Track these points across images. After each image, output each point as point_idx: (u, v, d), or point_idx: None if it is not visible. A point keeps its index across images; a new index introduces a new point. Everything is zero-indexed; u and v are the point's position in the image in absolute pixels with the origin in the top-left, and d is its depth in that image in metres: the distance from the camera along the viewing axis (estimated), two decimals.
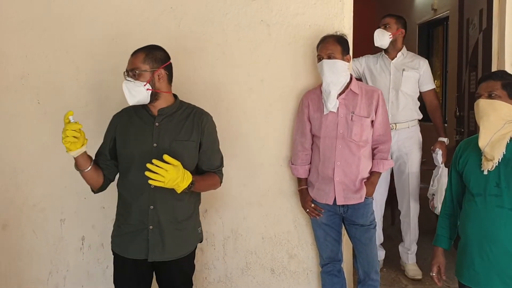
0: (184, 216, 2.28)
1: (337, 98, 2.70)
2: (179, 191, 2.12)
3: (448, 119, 5.71)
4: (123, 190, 2.29)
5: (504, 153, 1.97)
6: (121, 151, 2.28)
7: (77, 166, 2.20)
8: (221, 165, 2.40)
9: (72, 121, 2.07)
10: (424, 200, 3.70)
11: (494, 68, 3.24)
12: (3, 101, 2.91)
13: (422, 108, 3.74)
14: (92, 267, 2.97)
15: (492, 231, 1.98)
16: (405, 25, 3.68)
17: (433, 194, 3.50)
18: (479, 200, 2.03)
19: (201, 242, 2.43)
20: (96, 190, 2.33)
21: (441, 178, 3.45)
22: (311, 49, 2.93)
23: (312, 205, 2.81)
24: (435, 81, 6.43)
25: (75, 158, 2.16)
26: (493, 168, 1.99)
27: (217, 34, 2.93)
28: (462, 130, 3.96)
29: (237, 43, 2.94)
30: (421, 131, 3.72)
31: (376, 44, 3.61)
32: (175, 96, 2.34)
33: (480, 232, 2.02)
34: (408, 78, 3.58)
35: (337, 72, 2.67)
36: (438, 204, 3.45)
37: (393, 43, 3.61)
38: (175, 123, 2.26)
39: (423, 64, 3.63)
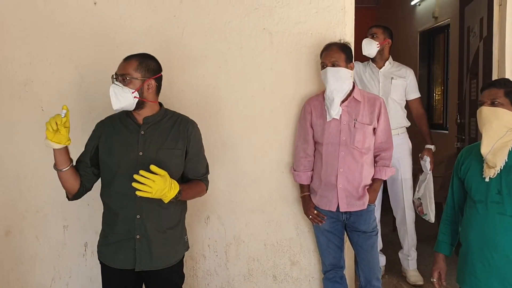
0: (170, 224, 2.26)
1: (340, 106, 2.72)
2: (166, 201, 2.10)
3: (449, 126, 5.72)
4: (107, 199, 2.26)
5: (506, 160, 1.99)
6: (106, 160, 2.24)
7: (56, 165, 2.18)
8: (207, 172, 2.40)
9: (62, 116, 2.06)
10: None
11: (494, 76, 3.26)
12: (7, 108, 2.93)
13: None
14: (95, 273, 2.95)
15: (494, 238, 1.99)
16: (391, 35, 3.77)
17: (419, 199, 3.57)
18: (481, 207, 2.04)
19: (187, 250, 2.40)
20: (72, 196, 2.30)
21: (428, 184, 3.53)
22: (313, 57, 2.96)
23: (315, 211, 2.82)
24: (436, 88, 6.47)
25: (55, 155, 2.14)
26: (495, 175, 2.00)
27: (220, 42, 2.95)
28: (463, 137, 3.98)
29: (239, 51, 2.97)
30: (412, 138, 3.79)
31: (364, 53, 3.68)
32: (160, 104, 2.31)
33: (481, 238, 2.03)
34: (396, 86, 3.67)
35: (341, 80, 2.69)
36: (428, 211, 3.49)
37: (380, 52, 3.69)
38: (161, 131, 2.24)
39: (410, 73, 3.74)
